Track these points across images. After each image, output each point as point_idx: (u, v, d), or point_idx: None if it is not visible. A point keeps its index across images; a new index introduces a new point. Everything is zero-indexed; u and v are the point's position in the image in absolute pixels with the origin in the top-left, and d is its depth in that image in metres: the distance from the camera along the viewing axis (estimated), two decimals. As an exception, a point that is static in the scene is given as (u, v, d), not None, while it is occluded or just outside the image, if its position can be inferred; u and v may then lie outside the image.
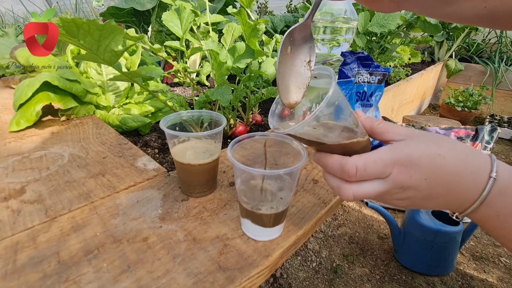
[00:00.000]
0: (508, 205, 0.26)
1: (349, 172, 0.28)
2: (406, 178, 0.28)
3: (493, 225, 0.28)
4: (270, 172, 0.33)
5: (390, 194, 0.29)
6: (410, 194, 0.29)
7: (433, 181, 0.27)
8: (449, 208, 0.29)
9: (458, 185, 0.27)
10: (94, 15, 2.95)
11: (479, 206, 0.27)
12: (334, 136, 0.30)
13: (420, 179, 0.27)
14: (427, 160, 0.27)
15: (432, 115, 2.99)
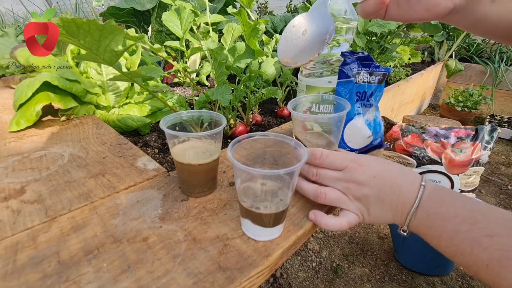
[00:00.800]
0: (434, 205, 0.33)
1: (315, 154, 0.38)
2: (359, 173, 0.36)
3: (426, 225, 0.33)
4: (270, 172, 0.33)
5: (348, 188, 0.36)
6: (365, 192, 0.36)
7: (382, 179, 0.35)
8: (394, 215, 0.36)
9: (399, 188, 0.35)
10: (94, 15, 2.95)
11: (416, 209, 0.34)
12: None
13: (371, 176, 0.35)
14: (377, 162, 0.37)
15: (432, 115, 2.99)
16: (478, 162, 1.40)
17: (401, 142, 1.46)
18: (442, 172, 1.41)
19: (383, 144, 0.60)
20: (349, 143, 0.55)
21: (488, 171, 2.00)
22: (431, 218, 0.33)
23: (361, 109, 0.54)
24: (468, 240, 0.29)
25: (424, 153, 1.41)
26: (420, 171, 1.42)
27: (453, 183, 1.42)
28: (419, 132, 1.47)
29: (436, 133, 1.45)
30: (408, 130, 1.47)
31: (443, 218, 0.32)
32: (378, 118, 0.58)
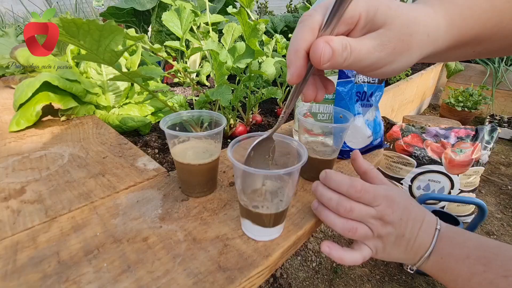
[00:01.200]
0: (446, 246, 0.34)
1: (356, 187, 0.34)
2: (389, 212, 0.34)
3: (440, 268, 0.34)
4: (270, 172, 0.33)
5: (375, 225, 0.35)
6: (389, 231, 0.35)
7: (405, 222, 0.35)
8: (407, 256, 0.36)
9: (418, 232, 0.35)
10: (94, 15, 2.94)
11: (430, 253, 0.34)
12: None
13: (398, 217, 0.35)
14: (404, 201, 0.36)
15: (432, 115, 2.99)
16: (478, 162, 1.40)
17: (401, 142, 1.46)
18: (442, 172, 1.41)
19: (383, 144, 0.60)
20: (349, 143, 0.55)
21: (488, 171, 2.00)
22: (445, 260, 0.33)
23: (361, 109, 0.54)
24: (485, 282, 0.30)
25: (424, 153, 1.41)
26: (420, 171, 1.43)
27: (453, 183, 1.42)
28: (419, 132, 1.47)
29: (436, 133, 1.45)
30: (408, 130, 1.47)
31: (456, 260, 0.32)
32: (378, 118, 0.58)
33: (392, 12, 0.25)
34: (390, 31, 0.25)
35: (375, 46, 0.25)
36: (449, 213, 1.21)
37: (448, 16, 0.27)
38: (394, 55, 0.26)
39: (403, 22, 0.25)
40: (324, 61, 0.24)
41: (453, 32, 0.28)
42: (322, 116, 0.52)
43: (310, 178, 0.49)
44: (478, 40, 0.29)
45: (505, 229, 1.49)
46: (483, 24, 0.28)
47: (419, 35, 0.26)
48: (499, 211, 1.62)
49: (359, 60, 0.25)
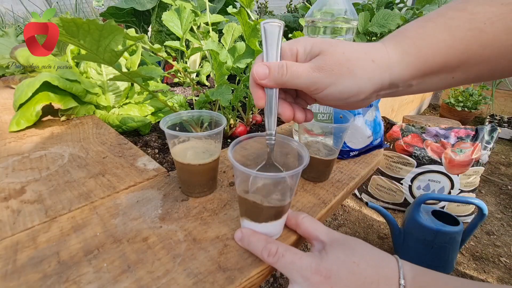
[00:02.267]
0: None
1: (270, 249, 0.31)
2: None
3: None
4: (271, 176, 0.33)
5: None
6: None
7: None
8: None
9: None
10: (94, 15, 2.94)
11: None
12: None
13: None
14: (345, 270, 0.29)
15: (432, 115, 2.99)
16: (478, 162, 1.40)
17: (401, 142, 1.46)
18: (442, 172, 1.41)
19: (383, 144, 0.60)
20: (349, 143, 0.55)
21: (488, 171, 2.00)
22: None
23: (361, 109, 0.54)
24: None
25: (424, 153, 1.42)
26: (420, 171, 1.43)
27: (453, 183, 1.42)
28: (419, 132, 1.47)
29: (436, 133, 1.45)
30: (408, 130, 1.48)
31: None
32: (378, 118, 0.58)
33: (326, 44, 0.29)
34: (325, 56, 0.28)
35: (312, 67, 0.28)
36: (449, 213, 1.21)
37: (399, 47, 0.29)
38: (335, 77, 0.28)
39: (338, 50, 0.28)
40: (260, 77, 0.29)
41: (411, 60, 0.28)
42: (322, 116, 0.52)
43: (310, 178, 0.49)
44: (449, 68, 0.28)
45: (505, 229, 1.49)
46: (446, 53, 0.27)
47: (360, 60, 0.28)
48: (499, 211, 1.62)
49: (297, 76, 0.28)
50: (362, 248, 0.31)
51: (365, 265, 0.29)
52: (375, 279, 0.29)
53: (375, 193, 1.60)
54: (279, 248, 0.31)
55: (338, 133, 0.45)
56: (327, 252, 0.31)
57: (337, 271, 0.29)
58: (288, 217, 0.37)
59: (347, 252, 0.30)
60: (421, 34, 0.28)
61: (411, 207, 1.21)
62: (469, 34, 0.27)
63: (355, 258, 0.30)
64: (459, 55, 0.28)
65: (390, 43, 0.29)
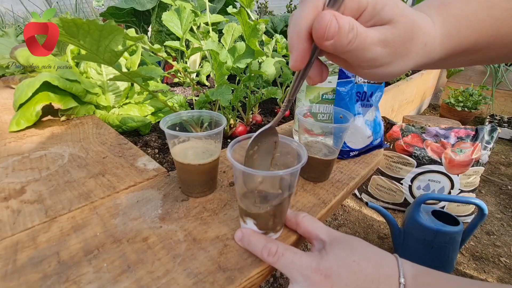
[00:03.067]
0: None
1: (270, 249, 0.31)
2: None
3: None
4: (270, 173, 0.33)
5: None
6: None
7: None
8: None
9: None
10: (94, 15, 2.94)
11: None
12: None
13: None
14: (345, 269, 0.29)
15: (432, 115, 2.99)
16: (478, 162, 1.40)
17: (401, 142, 1.46)
18: (442, 172, 1.41)
19: (383, 144, 0.60)
20: (349, 143, 0.55)
21: (488, 171, 2.00)
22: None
23: (361, 109, 0.54)
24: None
25: (424, 153, 1.42)
26: (420, 171, 1.43)
27: (453, 183, 1.42)
28: (419, 132, 1.47)
29: (436, 133, 1.45)
30: (408, 130, 1.48)
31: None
32: (378, 118, 0.58)
33: (399, 10, 0.24)
34: (396, 30, 0.24)
35: (380, 39, 0.24)
36: (449, 213, 1.21)
37: (444, 27, 0.27)
38: (394, 56, 0.25)
39: (408, 24, 0.24)
40: (328, 36, 0.21)
41: (448, 44, 0.28)
42: (322, 116, 0.52)
43: (310, 178, 0.49)
44: (474, 49, 0.28)
45: (505, 229, 1.49)
46: (479, 34, 0.27)
47: (418, 43, 0.26)
48: (499, 211, 1.62)
49: (363, 48, 0.23)
50: (362, 247, 0.31)
51: (365, 264, 0.29)
52: (375, 277, 0.28)
53: (375, 193, 1.60)
54: (279, 247, 0.31)
55: (338, 133, 0.45)
56: (327, 251, 0.30)
57: (337, 270, 0.29)
58: (288, 217, 0.37)
59: (347, 251, 0.30)
60: (465, 12, 0.27)
61: (411, 207, 1.21)
62: (504, 14, 0.27)
63: (355, 257, 0.29)
64: (489, 37, 0.27)
65: (437, 20, 0.27)
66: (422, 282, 0.28)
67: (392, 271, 0.29)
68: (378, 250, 0.31)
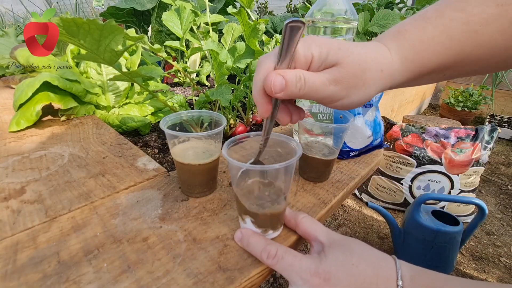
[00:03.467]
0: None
1: (270, 251, 0.31)
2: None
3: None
4: (266, 167, 0.32)
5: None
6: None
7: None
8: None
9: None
10: (94, 15, 2.94)
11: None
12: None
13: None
14: (344, 272, 0.29)
15: (432, 115, 2.99)
16: (478, 162, 1.40)
17: (401, 142, 1.46)
18: (442, 172, 1.41)
19: (383, 144, 0.60)
20: (349, 143, 0.55)
21: (488, 171, 2.00)
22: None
23: (361, 109, 0.54)
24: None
25: (424, 153, 1.42)
26: (420, 171, 1.43)
27: (453, 183, 1.42)
28: (419, 132, 1.47)
29: (436, 133, 1.45)
30: (408, 130, 1.48)
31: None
32: (378, 118, 0.58)
33: (343, 52, 0.27)
34: (343, 68, 0.27)
35: (329, 79, 0.27)
36: (449, 213, 1.21)
37: (400, 51, 0.29)
38: (349, 89, 0.28)
39: (355, 60, 0.27)
40: (276, 91, 0.26)
41: (411, 66, 0.29)
42: (322, 116, 0.52)
43: (310, 178, 0.49)
44: (442, 68, 0.30)
45: (505, 229, 1.49)
46: (442, 55, 0.28)
47: (372, 71, 0.28)
48: (499, 211, 1.62)
49: (315, 91, 0.27)
50: (361, 250, 0.31)
51: (363, 266, 0.29)
52: (374, 280, 0.29)
53: (375, 193, 1.60)
54: (279, 250, 0.31)
55: (338, 133, 0.45)
56: (326, 254, 0.31)
57: (336, 273, 0.29)
58: (288, 217, 0.37)
59: (346, 254, 0.30)
60: (421, 36, 0.29)
61: (411, 207, 1.21)
62: (465, 36, 0.28)
63: (354, 259, 0.30)
64: (454, 56, 0.29)
65: (392, 46, 0.29)
66: (420, 284, 0.28)
67: (390, 274, 0.29)
68: (377, 252, 0.31)
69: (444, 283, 0.28)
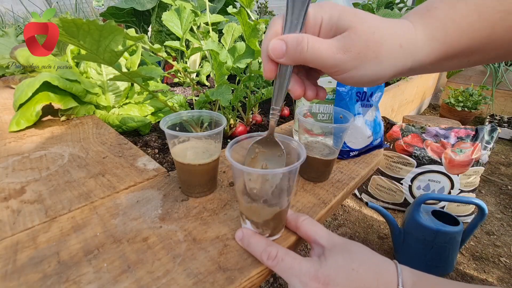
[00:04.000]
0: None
1: (270, 252, 0.31)
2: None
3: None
4: (269, 172, 0.33)
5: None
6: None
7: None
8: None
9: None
10: (94, 15, 2.94)
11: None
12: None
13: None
14: (344, 277, 0.28)
15: (432, 115, 2.99)
16: (478, 162, 1.40)
17: (401, 142, 1.46)
18: (442, 172, 1.41)
19: (383, 144, 0.60)
20: (349, 143, 0.55)
21: (488, 171, 2.00)
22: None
23: (361, 109, 0.54)
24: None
25: (424, 153, 1.42)
26: (420, 171, 1.43)
27: (453, 183, 1.42)
28: (419, 132, 1.47)
29: (436, 133, 1.45)
30: (408, 130, 1.48)
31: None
32: (378, 118, 0.58)
33: (357, 18, 0.25)
34: (354, 34, 0.25)
35: (338, 47, 0.25)
36: (449, 213, 1.21)
37: (428, 30, 0.27)
38: (360, 60, 0.26)
39: (369, 27, 0.25)
40: (277, 55, 0.26)
41: (438, 47, 0.27)
42: (322, 116, 0.52)
43: (310, 178, 0.49)
44: (469, 52, 0.28)
45: (505, 229, 1.49)
46: (471, 36, 0.26)
47: (388, 43, 0.26)
48: (499, 211, 1.62)
49: (320, 58, 0.26)
50: (362, 254, 0.31)
51: (364, 271, 0.29)
52: (374, 285, 0.28)
53: (375, 193, 1.60)
54: (279, 252, 0.31)
55: (338, 133, 0.45)
56: (326, 257, 0.30)
57: (335, 277, 0.28)
58: (288, 219, 0.37)
59: (346, 258, 0.30)
60: (451, 15, 0.26)
61: (411, 207, 1.21)
62: (497, 17, 0.26)
63: (354, 264, 0.29)
64: (482, 39, 0.27)
65: (419, 23, 0.27)
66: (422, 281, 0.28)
67: (391, 279, 0.29)
68: (378, 257, 0.31)
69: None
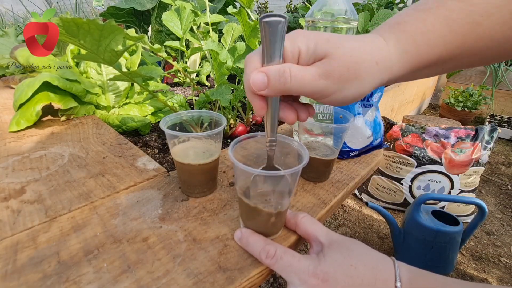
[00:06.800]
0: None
1: (269, 251, 0.31)
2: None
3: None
4: (271, 173, 0.32)
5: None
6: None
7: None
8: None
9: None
10: (94, 15, 2.94)
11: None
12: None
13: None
14: (342, 274, 0.29)
15: (432, 115, 2.99)
16: (478, 162, 1.40)
17: (401, 142, 1.46)
18: (442, 172, 1.41)
19: (383, 144, 0.60)
20: (349, 143, 0.55)
21: (488, 171, 2.00)
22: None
23: (361, 109, 0.54)
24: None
25: (424, 153, 1.42)
26: (420, 171, 1.43)
27: (453, 183, 1.42)
28: (419, 132, 1.47)
29: (436, 133, 1.45)
30: (408, 130, 1.48)
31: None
32: (378, 118, 0.58)
33: (331, 44, 0.26)
34: (333, 60, 0.26)
35: (320, 73, 0.26)
36: (449, 213, 1.21)
37: (399, 44, 0.28)
38: (342, 83, 0.27)
39: (346, 52, 0.26)
40: (258, 88, 0.26)
41: (410, 59, 0.28)
42: (322, 116, 0.52)
43: (310, 178, 0.49)
44: (441, 61, 0.29)
45: (505, 229, 1.49)
46: (443, 48, 0.27)
47: (366, 63, 0.27)
48: (499, 211, 1.62)
49: (303, 85, 0.26)
50: (360, 251, 0.31)
51: (362, 268, 0.29)
52: (372, 281, 0.29)
53: (375, 193, 1.60)
54: (278, 250, 0.31)
55: (338, 133, 0.45)
56: (324, 254, 0.31)
57: (334, 274, 0.29)
58: (288, 217, 0.37)
59: (344, 255, 0.30)
60: (421, 29, 0.28)
61: (411, 207, 1.21)
62: (466, 28, 0.27)
63: (353, 261, 0.30)
64: (454, 49, 0.28)
65: (390, 38, 0.28)
66: (418, 285, 0.28)
67: (389, 275, 0.29)
68: (376, 254, 0.31)
69: (443, 285, 0.28)
